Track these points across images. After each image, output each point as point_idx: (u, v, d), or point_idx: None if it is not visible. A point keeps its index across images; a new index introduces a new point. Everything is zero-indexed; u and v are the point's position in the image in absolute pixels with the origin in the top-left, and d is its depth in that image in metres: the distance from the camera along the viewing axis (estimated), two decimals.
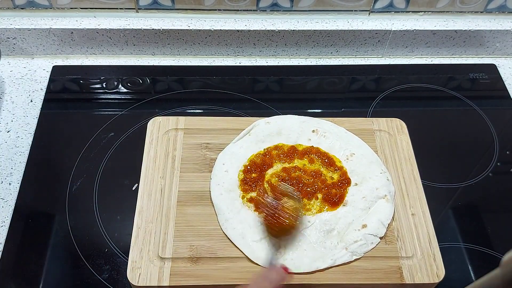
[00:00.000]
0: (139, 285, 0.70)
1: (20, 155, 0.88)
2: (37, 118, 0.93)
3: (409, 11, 1.05)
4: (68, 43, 1.02)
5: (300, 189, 0.79)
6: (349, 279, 0.72)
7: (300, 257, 0.72)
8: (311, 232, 0.75)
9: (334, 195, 0.78)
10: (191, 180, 0.81)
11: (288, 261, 0.72)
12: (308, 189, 0.79)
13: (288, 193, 0.72)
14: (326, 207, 0.78)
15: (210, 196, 0.79)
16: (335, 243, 0.74)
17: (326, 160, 0.83)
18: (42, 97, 0.97)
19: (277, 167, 0.82)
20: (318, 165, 0.82)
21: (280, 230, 0.72)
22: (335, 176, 0.81)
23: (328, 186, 0.80)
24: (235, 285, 0.70)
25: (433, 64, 1.10)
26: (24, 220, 0.79)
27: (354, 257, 0.73)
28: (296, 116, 0.90)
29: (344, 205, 0.78)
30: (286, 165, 0.82)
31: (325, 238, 0.75)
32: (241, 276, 0.71)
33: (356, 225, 0.76)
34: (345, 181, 0.81)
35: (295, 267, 0.71)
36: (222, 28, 1.01)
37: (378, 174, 0.82)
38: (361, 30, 1.04)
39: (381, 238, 0.75)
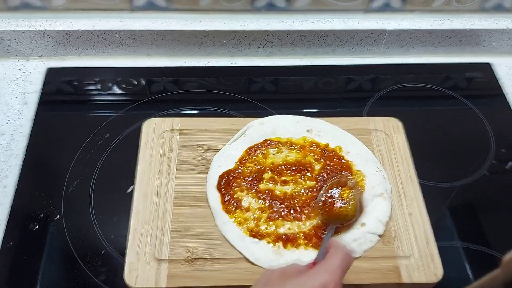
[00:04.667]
0: (136, 287, 0.69)
1: (15, 157, 0.88)
2: (32, 120, 0.93)
3: (404, 11, 1.05)
4: (62, 44, 1.02)
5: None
6: (347, 279, 0.71)
7: (300, 258, 0.72)
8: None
9: None
10: (187, 181, 0.81)
11: (289, 262, 0.71)
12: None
13: (349, 185, 0.76)
14: None
15: (207, 198, 0.78)
16: None
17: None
18: (37, 99, 0.96)
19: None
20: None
21: (333, 215, 0.74)
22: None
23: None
24: (232, 286, 0.70)
25: (429, 63, 1.10)
26: (20, 222, 0.79)
27: (354, 256, 0.73)
28: (290, 116, 0.90)
29: None
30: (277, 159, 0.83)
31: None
32: (238, 277, 0.71)
33: (354, 224, 0.76)
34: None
35: None
36: (217, 29, 1.01)
37: (374, 172, 0.82)
38: (357, 30, 1.04)
39: (380, 236, 0.75)
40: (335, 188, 0.75)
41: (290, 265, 0.60)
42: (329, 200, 0.74)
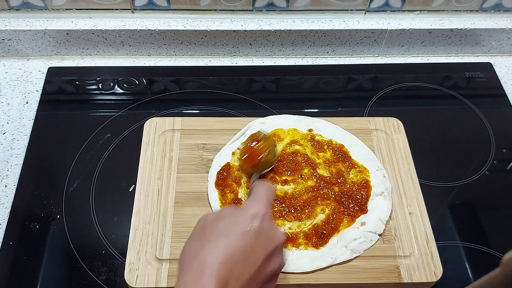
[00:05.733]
0: (136, 286, 0.69)
1: (16, 157, 0.88)
2: (33, 120, 0.93)
3: (405, 10, 1.05)
4: (63, 44, 1.02)
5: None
6: (347, 278, 0.72)
7: (300, 257, 0.72)
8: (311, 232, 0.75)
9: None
10: (188, 180, 0.81)
11: (288, 261, 0.71)
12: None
13: (262, 137, 0.79)
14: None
15: (208, 198, 0.79)
16: (335, 242, 0.74)
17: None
18: (38, 99, 0.97)
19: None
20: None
21: (256, 166, 0.78)
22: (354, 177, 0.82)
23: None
24: None
25: (429, 63, 1.10)
26: (20, 222, 0.79)
27: (354, 255, 0.73)
28: (291, 116, 0.90)
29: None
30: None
31: None
32: None
33: (354, 223, 0.76)
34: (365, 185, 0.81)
35: (296, 267, 0.71)
36: (218, 28, 1.01)
37: (374, 172, 0.82)
38: (357, 30, 1.04)
39: (380, 235, 0.75)
40: (252, 142, 0.79)
41: (223, 208, 0.64)
42: (250, 152, 0.78)
